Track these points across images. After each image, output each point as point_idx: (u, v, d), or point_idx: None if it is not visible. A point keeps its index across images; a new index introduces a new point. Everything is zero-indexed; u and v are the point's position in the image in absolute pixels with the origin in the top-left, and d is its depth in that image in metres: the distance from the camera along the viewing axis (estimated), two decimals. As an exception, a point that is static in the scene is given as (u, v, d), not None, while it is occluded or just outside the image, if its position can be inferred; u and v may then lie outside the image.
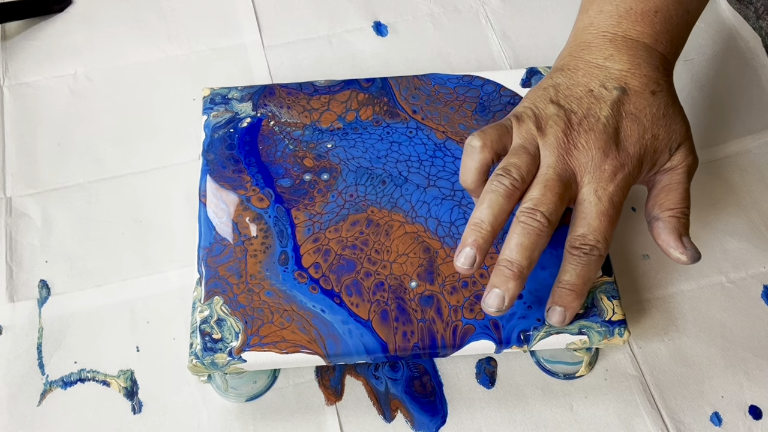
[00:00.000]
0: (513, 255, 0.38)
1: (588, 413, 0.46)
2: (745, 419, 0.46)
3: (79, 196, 0.54)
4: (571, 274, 0.40)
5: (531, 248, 0.38)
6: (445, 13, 0.63)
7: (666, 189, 0.42)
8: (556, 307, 0.41)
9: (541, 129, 0.41)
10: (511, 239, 0.39)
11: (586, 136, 0.40)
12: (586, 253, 0.39)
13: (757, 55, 0.60)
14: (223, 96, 0.51)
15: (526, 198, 0.40)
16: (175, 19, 0.63)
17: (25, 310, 0.49)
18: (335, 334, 0.42)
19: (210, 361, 0.41)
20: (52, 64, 0.60)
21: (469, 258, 0.39)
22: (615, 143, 0.40)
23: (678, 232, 0.41)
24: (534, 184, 0.40)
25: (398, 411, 0.46)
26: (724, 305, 0.50)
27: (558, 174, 0.40)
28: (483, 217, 0.39)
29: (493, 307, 0.39)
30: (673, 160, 0.42)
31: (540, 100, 0.42)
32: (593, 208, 0.40)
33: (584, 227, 0.40)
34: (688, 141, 0.43)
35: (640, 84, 0.42)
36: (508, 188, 0.39)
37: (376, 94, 0.51)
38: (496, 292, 0.39)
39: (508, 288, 0.38)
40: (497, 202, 0.39)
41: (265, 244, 0.45)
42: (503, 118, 0.43)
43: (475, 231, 0.39)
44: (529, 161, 0.40)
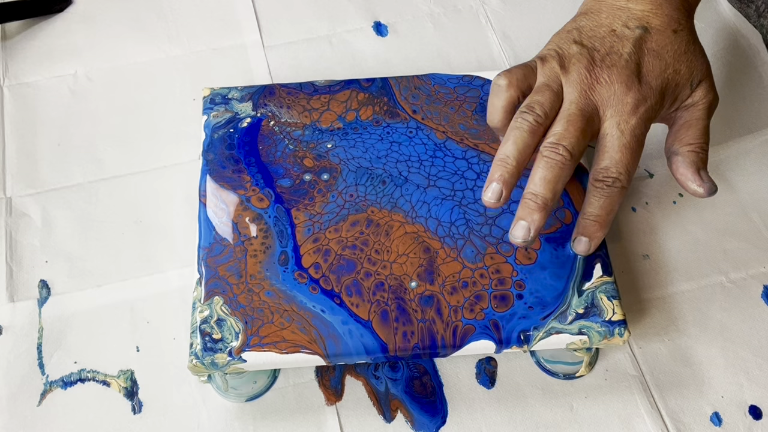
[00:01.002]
0: (537, 188, 0.40)
1: (588, 413, 0.46)
2: (745, 419, 0.46)
3: (79, 196, 0.54)
4: (595, 206, 0.41)
5: (554, 181, 0.40)
6: (445, 13, 0.63)
7: (686, 125, 0.43)
8: (581, 237, 0.42)
9: (564, 67, 0.43)
10: (536, 173, 0.40)
11: (609, 71, 0.42)
12: (609, 185, 0.41)
13: (758, 54, 0.60)
14: (223, 96, 0.51)
15: (549, 133, 0.41)
16: (175, 19, 0.63)
17: (25, 310, 0.49)
18: (335, 334, 0.42)
19: (210, 361, 0.41)
20: (52, 64, 0.60)
21: (496, 192, 0.40)
22: (637, 77, 0.42)
23: (696, 165, 0.43)
24: (557, 120, 0.41)
25: (398, 411, 0.46)
26: (724, 305, 0.50)
27: (580, 109, 0.41)
28: (508, 153, 0.41)
29: (520, 238, 0.40)
30: (693, 96, 0.44)
31: (563, 41, 0.44)
32: (616, 141, 0.41)
33: (607, 160, 0.41)
34: (709, 78, 0.44)
35: (661, 23, 0.43)
36: (532, 124, 0.41)
37: (376, 93, 0.51)
38: (522, 223, 0.40)
39: (534, 219, 0.40)
40: (522, 138, 0.41)
41: (265, 244, 0.45)
42: (528, 60, 0.44)
43: (501, 166, 0.40)
44: (552, 98, 0.41)
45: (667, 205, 0.53)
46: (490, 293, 0.43)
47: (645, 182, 0.54)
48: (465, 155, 0.48)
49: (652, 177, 0.55)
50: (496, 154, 0.41)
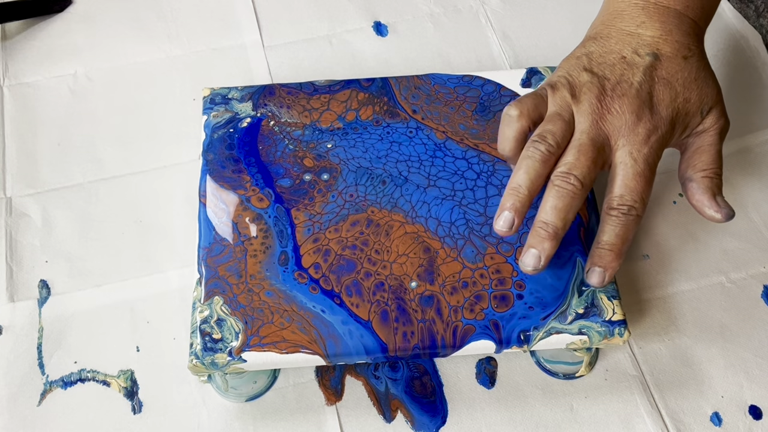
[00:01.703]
0: (548, 217, 0.40)
1: (588, 413, 0.46)
2: (745, 419, 0.46)
3: (79, 196, 0.54)
4: (610, 235, 0.41)
5: (565, 210, 0.40)
6: (445, 13, 0.63)
7: (699, 151, 0.44)
8: (595, 268, 0.41)
9: (575, 96, 0.42)
10: (547, 202, 0.40)
11: (620, 101, 0.42)
12: (624, 213, 0.41)
13: (757, 54, 0.60)
14: (223, 96, 0.51)
15: (560, 163, 0.41)
16: (175, 19, 0.63)
17: (25, 310, 0.49)
18: (335, 334, 0.42)
19: (210, 361, 0.41)
20: (52, 64, 0.60)
21: (508, 221, 0.41)
22: (648, 107, 0.42)
23: (712, 191, 0.43)
24: (568, 150, 0.41)
25: (398, 411, 0.46)
26: (724, 305, 0.50)
27: (591, 139, 0.41)
28: (520, 182, 0.41)
29: (530, 266, 0.40)
30: (705, 123, 0.43)
31: (573, 68, 0.44)
32: (629, 169, 0.41)
33: (622, 188, 0.41)
34: (720, 104, 0.44)
35: (672, 50, 0.43)
36: (543, 154, 0.41)
37: (376, 93, 0.51)
38: (533, 252, 0.40)
39: (544, 248, 0.40)
40: (533, 168, 0.41)
41: (264, 244, 0.45)
42: (538, 87, 0.44)
43: (513, 195, 0.41)
44: (563, 127, 0.42)
45: (667, 205, 0.53)
46: (490, 293, 0.43)
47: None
48: (465, 155, 0.48)
49: (652, 177, 0.55)
50: (509, 183, 0.41)
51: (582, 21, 0.63)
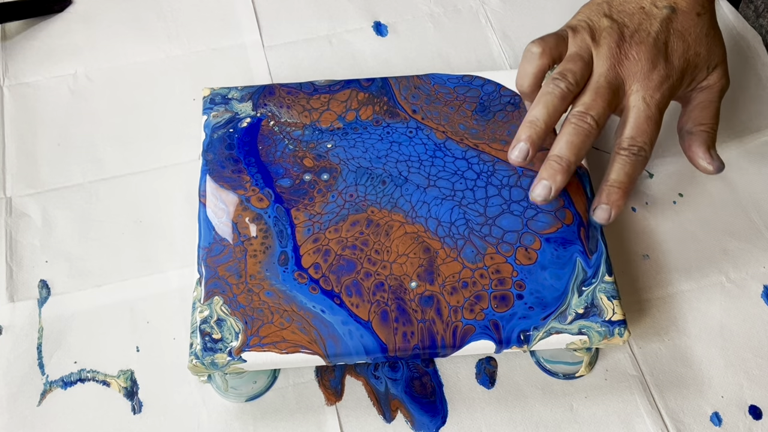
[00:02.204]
0: (563, 151, 0.42)
1: (588, 413, 0.46)
2: (745, 419, 0.46)
3: (79, 196, 0.54)
4: (619, 173, 0.43)
5: (579, 146, 0.42)
6: (445, 13, 0.63)
7: (700, 106, 0.47)
8: (602, 205, 0.43)
9: (595, 40, 0.45)
10: (562, 138, 0.43)
11: (638, 48, 0.44)
12: (635, 153, 0.43)
13: (757, 54, 0.60)
14: (223, 96, 0.51)
15: (578, 102, 0.44)
16: (175, 19, 0.63)
17: (25, 310, 0.49)
18: (335, 334, 0.42)
19: (210, 361, 0.41)
20: (52, 64, 0.60)
21: (523, 151, 0.43)
22: (663, 56, 0.45)
23: (707, 144, 0.46)
24: (586, 90, 0.44)
25: (398, 411, 0.46)
26: (724, 305, 0.50)
27: (609, 82, 0.44)
28: (538, 116, 0.43)
29: (541, 197, 0.43)
30: (709, 79, 0.47)
31: (594, 13, 0.46)
32: (641, 113, 0.43)
33: (633, 130, 0.43)
34: (724, 64, 0.47)
35: (687, 5, 0.46)
36: (563, 91, 0.43)
37: (376, 93, 0.51)
38: (544, 183, 0.43)
39: (556, 180, 0.42)
40: (552, 103, 0.43)
41: (264, 245, 0.45)
42: (559, 29, 0.46)
43: (530, 127, 0.43)
44: (583, 68, 0.44)
45: (667, 205, 0.53)
46: (490, 293, 0.43)
47: (645, 182, 0.54)
48: (465, 155, 0.48)
49: (652, 177, 0.55)
50: (526, 117, 0.43)
51: (582, 21, 0.63)
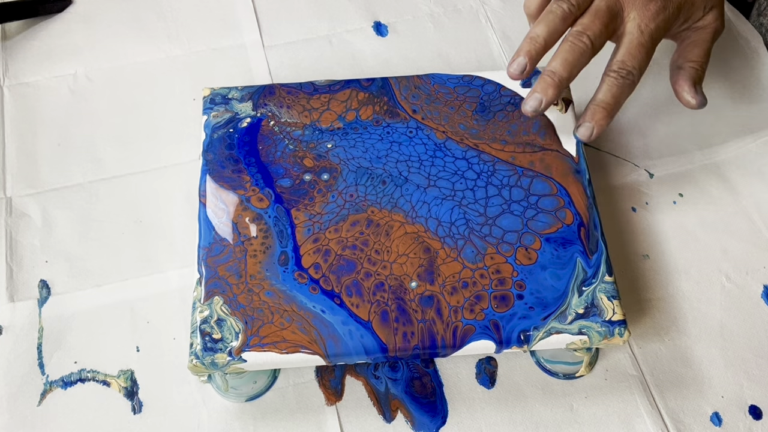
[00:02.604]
0: (557, 67, 0.45)
1: (588, 413, 0.46)
2: (745, 419, 0.46)
3: (79, 196, 0.54)
4: (606, 94, 0.46)
5: (573, 64, 0.45)
6: (445, 13, 0.63)
7: (692, 44, 0.50)
8: (586, 122, 0.46)
9: None
10: (558, 55, 0.45)
11: None
12: (623, 76, 0.46)
13: (757, 54, 0.60)
14: (223, 96, 0.51)
15: (577, 23, 0.46)
16: (175, 19, 0.63)
17: (25, 310, 0.49)
18: (335, 335, 0.42)
19: (210, 361, 0.41)
20: (52, 64, 0.60)
21: (521, 65, 0.45)
22: None
23: (693, 80, 0.49)
24: (586, 13, 0.46)
25: (398, 411, 0.46)
26: (724, 305, 0.50)
27: (608, 6, 0.46)
28: (539, 32, 0.45)
29: (531, 108, 0.45)
30: (704, 19, 0.49)
31: None
32: (635, 39, 0.46)
33: (625, 55, 0.46)
34: (721, 7, 0.50)
35: None
36: (564, 11, 0.46)
37: (376, 93, 0.51)
38: (537, 95, 0.45)
39: (547, 93, 0.45)
40: (554, 22, 0.46)
41: (264, 245, 0.45)
42: None
43: (530, 43, 0.45)
44: None
45: (667, 205, 0.53)
46: (490, 293, 0.43)
47: (645, 182, 0.54)
48: (465, 155, 0.48)
49: (652, 177, 0.55)
50: (527, 34, 0.46)
51: (582, 21, 0.63)
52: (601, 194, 0.53)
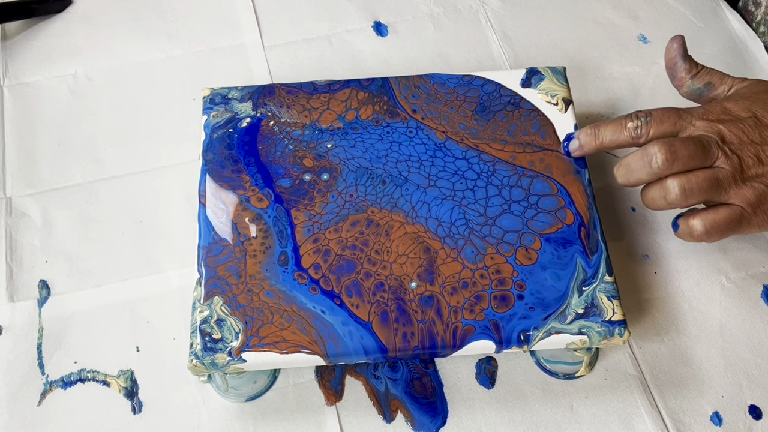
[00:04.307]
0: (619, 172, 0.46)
1: (588, 413, 0.46)
2: (745, 419, 0.46)
3: (79, 196, 0.54)
4: (607, 130, 0.46)
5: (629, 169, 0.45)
6: (445, 13, 0.63)
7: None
8: (577, 140, 0.47)
9: (736, 183, 0.45)
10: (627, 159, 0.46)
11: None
12: (633, 118, 0.45)
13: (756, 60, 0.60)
14: (223, 96, 0.51)
15: (672, 164, 0.44)
16: (175, 19, 0.63)
17: (25, 310, 0.49)
18: (335, 335, 0.42)
19: (210, 361, 0.41)
20: (52, 64, 0.60)
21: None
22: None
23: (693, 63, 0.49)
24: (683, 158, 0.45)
25: (398, 411, 0.46)
26: (724, 305, 0.50)
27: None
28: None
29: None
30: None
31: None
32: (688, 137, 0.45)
33: (663, 119, 0.45)
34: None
35: None
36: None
37: (376, 92, 0.51)
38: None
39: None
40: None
41: (264, 245, 0.45)
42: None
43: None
44: (692, 163, 0.45)
45: (667, 205, 0.53)
46: (490, 294, 0.43)
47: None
48: (465, 155, 0.48)
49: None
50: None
51: (582, 21, 0.63)
52: (601, 194, 0.53)
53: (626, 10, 0.63)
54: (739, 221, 0.44)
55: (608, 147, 0.47)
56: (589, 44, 0.61)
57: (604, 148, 0.47)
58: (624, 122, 0.46)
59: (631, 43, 0.61)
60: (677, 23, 0.62)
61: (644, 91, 0.58)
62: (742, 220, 0.44)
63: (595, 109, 0.58)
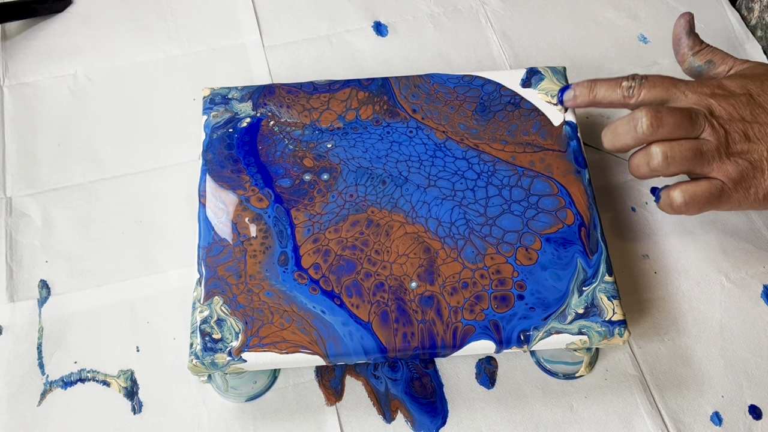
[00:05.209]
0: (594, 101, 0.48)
1: (588, 413, 0.46)
2: (745, 419, 0.46)
3: (79, 196, 0.54)
4: (602, 86, 0.47)
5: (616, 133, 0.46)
6: (445, 13, 0.63)
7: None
8: (572, 91, 0.49)
9: (720, 157, 0.46)
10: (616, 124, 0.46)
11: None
12: (627, 79, 0.46)
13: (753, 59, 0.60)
14: (223, 96, 0.51)
15: (659, 130, 0.44)
16: (175, 19, 0.63)
17: (25, 310, 0.49)
18: (336, 336, 0.42)
19: (210, 361, 0.41)
20: (52, 64, 0.60)
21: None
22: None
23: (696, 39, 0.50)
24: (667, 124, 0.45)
25: (398, 411, 0.46)
26: (724, 305, 0.50)
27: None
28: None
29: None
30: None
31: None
32: (680, 103, 0.45)
33: (656, 88, 0.46)
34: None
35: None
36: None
37: (376, 92, 0.51)
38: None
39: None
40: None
41: (264, 245, 0.45)
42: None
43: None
44: (677, 131, 0.45)
45: (667, 205, 0.53)
46: (490, 294, 0.43)
47: (645, 182, 0.54)
48: (465, 155, 0.48)
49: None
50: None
51: (582, 21, 0.63)
52: (601, 194, 0.53)
53: (626, 10, 0.63)
54: (719, 196, 0.44)
55: (600, 103, 0.47)
56: (589, 44, 0.61)
57: (596, 102, 0.47)
58: (619, 81, 0.47)
59: (631, 43, 0.61)
60: (677, 23, 0.62)
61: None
62: (722, 195, 0.45)
63: (595, 109, 0.58)
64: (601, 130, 0.48)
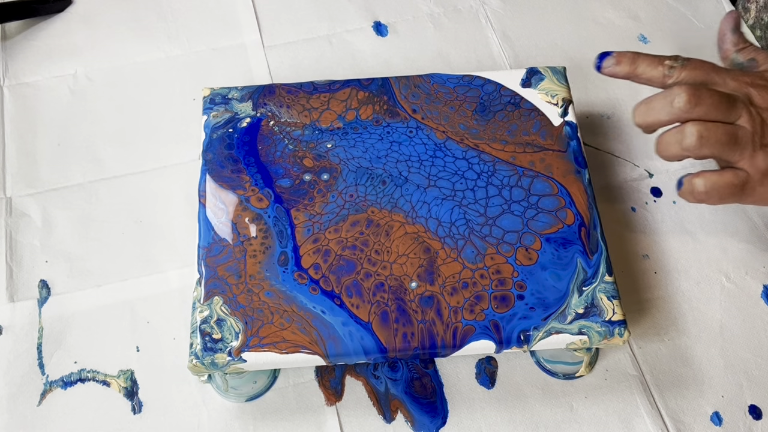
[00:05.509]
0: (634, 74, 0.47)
1: (588, 413, 0.46)
2: (745, 419, 0.46)
3: (79, 196, 0.54)
4: (645, 60, 0.46)
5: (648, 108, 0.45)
6: (445, 13, 0.63)
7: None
8: (615, 56, 0.47)
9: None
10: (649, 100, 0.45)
11: None
12: (669, 62, 0.45)
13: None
14: (223, 96, 0.51)
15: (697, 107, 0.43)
16: (175, 19, 0.63)
17: (25, 310, 0.49)
18: (336, 336, 0.42)
19: (210, 361, 0.41)
20: (52, 64, 0.60)
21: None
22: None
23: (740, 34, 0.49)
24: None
25: (398, 411, 0.46)
26: (724, 305, 0.50)
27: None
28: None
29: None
30: None
31: None
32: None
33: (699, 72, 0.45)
34: None
35: None
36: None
37: (376, 92, 0.51)
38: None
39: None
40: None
41: (264, 245, 0.45)
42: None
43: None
44: (715, 113, 0.44)
45: (667, 205, 0.53)
46: (490, 294, 0.43)
47: (645, 182, 0.54)
48: (465, 155, 0.48)
49: (652, 177, 0.55)
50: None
51: (582, 21, 0.63)
52: (601, 194, 0.53)
53: (626, 10, 0.63)
54: (742, 187, 0.44)
55: (639, 77, 0.46)
56: (589, 44, 0.61)
57: (635, 75, 0.46)
58: (662, 59, 0.46)
59: (631, 43, 0.61)
60: (677, 23, 0.62)
61: (645, 91, 0.58)
62: (746, 187, 0.44)
63: (595, 109, 0.58)
64: (601, 131, 0.48)
